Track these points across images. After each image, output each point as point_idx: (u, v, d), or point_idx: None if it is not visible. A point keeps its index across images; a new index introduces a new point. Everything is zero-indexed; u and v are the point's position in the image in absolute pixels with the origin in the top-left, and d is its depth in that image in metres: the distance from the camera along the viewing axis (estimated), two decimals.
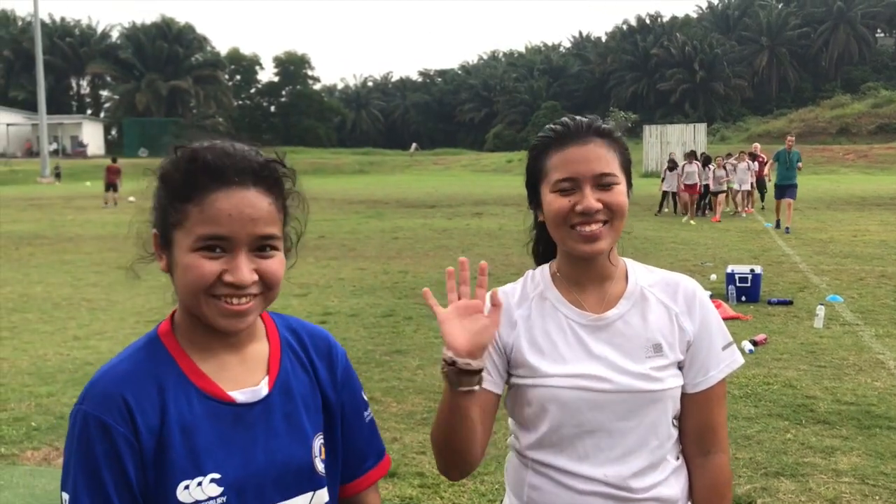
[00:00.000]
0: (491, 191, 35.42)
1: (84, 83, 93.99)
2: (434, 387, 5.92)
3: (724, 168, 21.56)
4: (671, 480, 1.65)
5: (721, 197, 21.32)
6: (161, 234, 1.30)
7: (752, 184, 22.14)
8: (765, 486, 4.10)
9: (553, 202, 1.60)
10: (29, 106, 68.62)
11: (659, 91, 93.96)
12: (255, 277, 1.25)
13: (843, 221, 18.55)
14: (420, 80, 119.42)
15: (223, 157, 1.26)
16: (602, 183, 1.59)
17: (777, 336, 7.41)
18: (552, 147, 1.64)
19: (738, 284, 9.25)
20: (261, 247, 1.27)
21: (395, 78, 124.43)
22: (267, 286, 1.29)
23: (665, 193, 22.58)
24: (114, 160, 29.71)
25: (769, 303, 9.06)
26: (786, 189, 17.51)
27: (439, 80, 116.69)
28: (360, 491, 1.52)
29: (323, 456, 1.41)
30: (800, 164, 17.65)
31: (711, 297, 9.36)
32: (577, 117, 1.68)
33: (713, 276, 10.79)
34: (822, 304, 8.24)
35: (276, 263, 1.30)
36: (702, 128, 49.51)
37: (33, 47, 52.10)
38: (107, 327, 8.16)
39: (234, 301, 1.25)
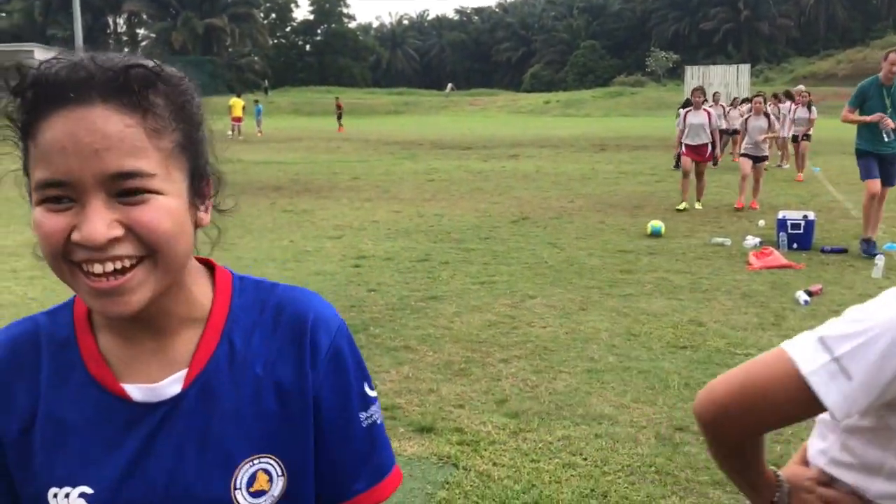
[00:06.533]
0: (527, 132, 34.86)
1: (121, 21, 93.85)
2: (471, 336, 5.69)
3: (767, 115, 12.76)
4: None
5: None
6: (28, 189, 0.91)
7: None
8: None
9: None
10: (67, 44, 68.69)
11: (701, 31, 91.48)
12: (118, 232, 0.85)
13: None
14: (457, 18, 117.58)
15: (63, 68, 0.86)
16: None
17: (833, 286, 7.04)
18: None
19: (790, 231, 8.84)
20: (125, 190, 0.85)
21: (431, 16, 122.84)
22: (147, 245, 0.86)
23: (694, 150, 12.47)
24: None
25: (822, 251, 8.65)
26: (890, 163, 8.55)
27: (476, 18, 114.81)
28: None
29: (260, 487, 0.98)
30: None
31: (761, 243, 9.04)
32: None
33: (761, 222, 10.37)
34: (880, 253, 7.83)
35: (152, 211, 0.86)
36: (745, 69, 48.18)
37: None
38: None
39: (97, 269, 0.85)
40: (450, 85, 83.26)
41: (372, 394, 1.07)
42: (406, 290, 7.10)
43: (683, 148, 12.55)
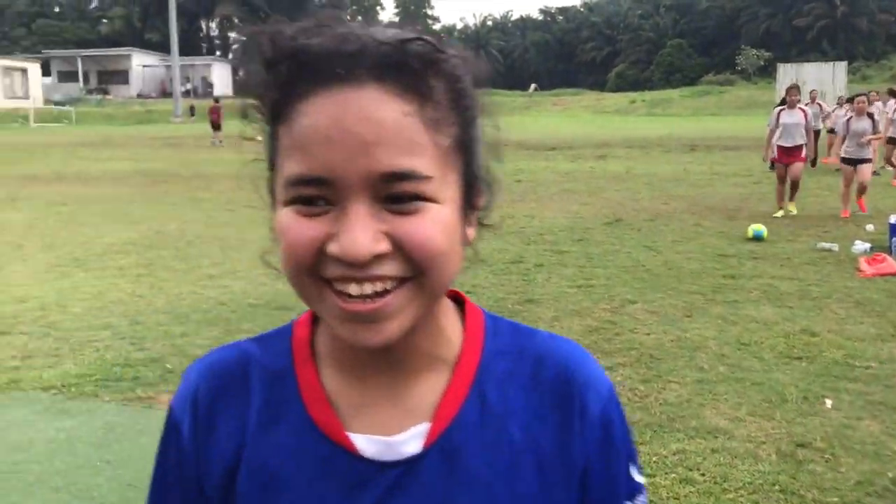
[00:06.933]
0: (615, 132, 34.33)
1: (213, 25, 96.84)
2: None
3: (871, 116, 12.06)
4: None
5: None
6: (270, 184, 0.75)
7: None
8: None
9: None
10: (163, 48, 71.16)
11: (795, 27, 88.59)
12: (384, 247, 0.67)
13: None
14: (541, 18, 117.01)
15: (328, 38, 0.69)
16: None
17: None
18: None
19: None
20: (395, 195, 0.68)
21: (514, 17, 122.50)
22: (415, 264, 0.69)
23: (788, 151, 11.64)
24: (216, 100, 31.15)
25: None
26: None
27: (560, 18, 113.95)
28: None
29: None
30: None
31: (872, 249, 8.60)
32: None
33: (870, 227, 9.91)
34: None
35: (426, 223, 0.68)
36: (842, 66, 46.35)
37: None
38: (239, 266, 8.17)
39: (353, 290, 0.68)
40: (533, 85, 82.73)
41: (639, 479, 0.84)
42: (502, 292, 7.02)
43: (776, 150, 11.73)
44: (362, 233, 0.67)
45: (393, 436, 0.77)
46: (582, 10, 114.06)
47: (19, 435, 4.19)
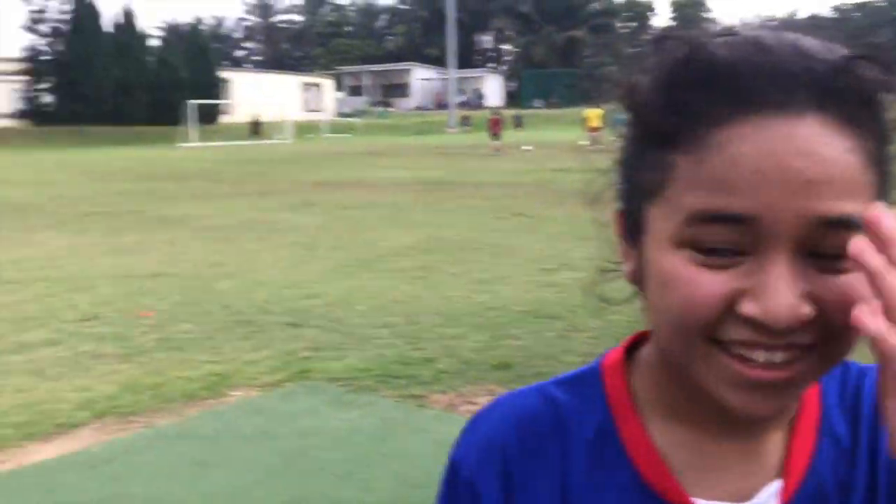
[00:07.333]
0: None
1: (487, 38, 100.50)
2: None
3: None
4: None
5: None
6: (628, 213, 0.66)
7: None
8: None
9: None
10: (439, 62, 75.09)
11: None
12: (808, 311, 0.56)
13: None
14: (833, 15, 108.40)
15: (751, 54, 0.57)
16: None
17: None
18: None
19: None
20: (827, 247, 0.56)
21: (801, 15, 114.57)
22: (832, 330, 0.57)
23: None
24: (495, 112, 33.24)
25: None
26: None
27: (856, 14, 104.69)
28: None
29: None
30: None
31: None
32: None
33: None
34: None
35: (855, 282, 0.57)
36: None
37: (445, 6, 57.04)
38: (507, 272, 8.31)
39: (759, 357, 0.57)
40: None
41: None
42: None
43: None
44: (789, 293, 0.55)
45: (747, 502, 0.66)
46: (884, 4, 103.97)
47: (308, 422, 4.53)
